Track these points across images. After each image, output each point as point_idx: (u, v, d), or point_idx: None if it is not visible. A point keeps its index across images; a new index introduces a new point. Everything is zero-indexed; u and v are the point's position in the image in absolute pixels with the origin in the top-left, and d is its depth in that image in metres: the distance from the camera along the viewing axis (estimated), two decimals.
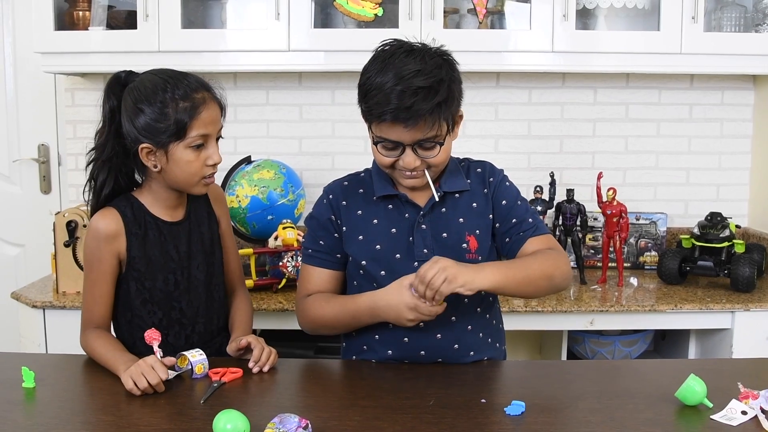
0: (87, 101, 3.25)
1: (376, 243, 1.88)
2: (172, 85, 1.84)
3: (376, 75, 1.75)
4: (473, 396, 1.65)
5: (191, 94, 1.85)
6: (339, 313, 1.90)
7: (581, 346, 2.98)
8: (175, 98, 1.83)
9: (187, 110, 1.83)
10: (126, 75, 1.93)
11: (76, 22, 3.01)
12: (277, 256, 2.74)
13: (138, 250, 1.91)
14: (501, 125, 3.25)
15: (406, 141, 1.76)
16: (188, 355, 1.78)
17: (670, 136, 3.26)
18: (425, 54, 1.76)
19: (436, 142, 1.78)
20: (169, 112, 1.82)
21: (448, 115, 1.77)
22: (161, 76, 1.87)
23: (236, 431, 1.38)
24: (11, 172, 3.54)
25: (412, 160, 1.78)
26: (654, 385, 1.70)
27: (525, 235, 1.91)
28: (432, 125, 1.74)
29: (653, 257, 3.18)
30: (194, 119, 1.84)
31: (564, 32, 2.87)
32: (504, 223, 1.93)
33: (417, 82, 1.70)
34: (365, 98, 1.78)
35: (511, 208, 1.93)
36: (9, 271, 3.58)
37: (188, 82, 1.87)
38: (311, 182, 3.16)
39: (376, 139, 1.80)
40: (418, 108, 1.70)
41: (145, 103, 1.83)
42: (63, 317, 2.61)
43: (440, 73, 1.74)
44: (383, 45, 1.82)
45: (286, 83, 3.25)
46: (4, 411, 1.58)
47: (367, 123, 1.83)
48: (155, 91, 1.84)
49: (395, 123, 1.73)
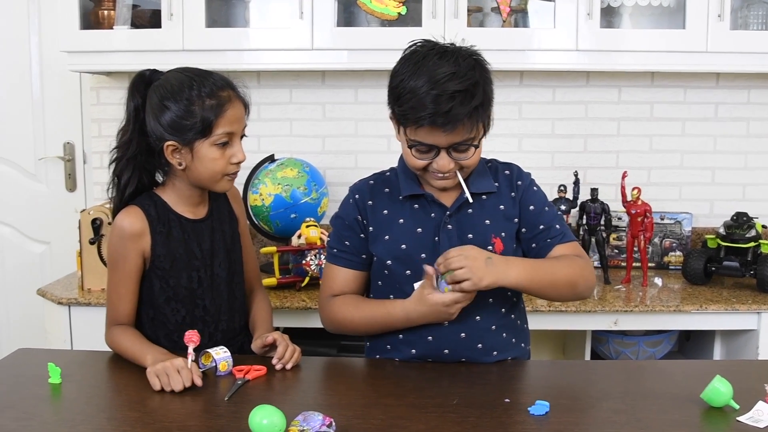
0: (112, 100, 3.28)
1: (402, 243, 1.88)
2: (198, 82, 1.86)
3: (408, 78, 1.73)
4: (497, 395, 1.64)
5: (217, 92, 1.86)
6: (370, 320, 1.90)
7: (605, 347, 2.96)
8: (202, 96, 1.84)
9: (213, 108, 1.84)
10: (151, 73, 1.94)
11: (101, 21, 3.03)
12: (300, 254, 2.74)
13: (162, 248, 1.92)
14: (524, 124, 3.24)
15: (442, 144, 1.75)
16: (212, 352, 1.79)
17: (696, 136, 3.23)
18: (458, 56, 1.74)
19: (471, 145, 1.78)
20: (195, 110, 1.83)
21: (485, 117, 1.77)
22: (187, 74, 1.89)
23: (272, 426, 1.38)
24: (37, 170, 3.57)
25: (446, 163, 1.78)
26: (679, 386, 1.69)
27: (552, 242, 1.91)
28: (470, 129, 1.74)
29: (678, 257, 3.15)
30: (220, 117, 1.85)
31: (588, 31, 2.85)
32: (531, 228, 1.92)
33: (452, 86, 1.69)
34: (398, 102, 1.76)
35: (539, 213, 1.93)
36: (35, 268, 3.61)
37: (214, 80, 1.89)
38: (334, 181, 3.17)
39: (410, 142, 1.79)
40: (456, 113, 1.69)
41: (172, 100, 1.84)
42: (88, 314, 2.63)
43: (475, 75, 1.73)
44: (413, 46, 1.80)
45: (309, 82, 3.25)
46: (31, 406, 1.60)
47: (398, 126, 1.82)
48: (181, 89, 1.85)
49: (433, 128, 1.72)
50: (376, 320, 1.89)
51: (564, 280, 1.84)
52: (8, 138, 3.55)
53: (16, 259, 3.62)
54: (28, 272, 3.60)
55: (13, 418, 1.53)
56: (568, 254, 1.89)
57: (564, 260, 1.87)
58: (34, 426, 1.51)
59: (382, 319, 1.88)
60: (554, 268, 1.85)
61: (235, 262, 2.06)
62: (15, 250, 3.62)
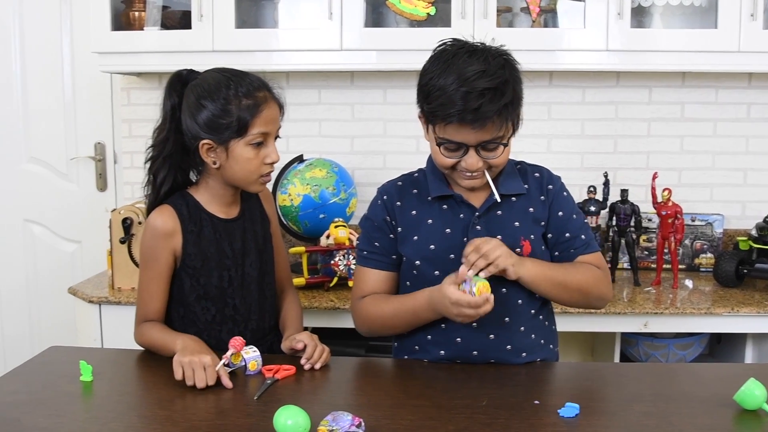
0: (142, 100, 3.31)
1: (430, 243, 1.87)
2: (235, 82, 1.87)
3: (438, 76, 1.73)
4: (526, 397, 1.64)
5: (254, 92, 1.88)
6: (398, 311, 1.89)
7: (634, 349, 2.94)
8: (238, 95, 1.86)
9: (249, 108, 1.86)
10: (187, 73, 1.96)
11: (131, 22, 3.05)
12: (328, 254, 2.75)
13: (193, 247, 1.93)
14: (554, 125, 3.22)
15: (470, 142, 1.75)
16: (242, 351, 1.80)
17: (728, 136, 3.20)
18: (487, 54, 1.74)
19: (500, 143, 1.77)
20: (231, 109, 1.85)
21: (514, 116, 1.77)
22: (224, 74, 1.90)
23: (297, 427, 1.39)
24: (69, 169, 3.61)
25: (475, 161, 1.77)
26: (711, 389, 1.67)
27: (575, 252, 1.92)
28: (499, 127, 1.74)
29: (709, 259, 3.12)
30: (256, 117, 1.87)
31: (619, 31, 2.83)
32: (557, 235, 1.92)
33: (482, 84, 1.69)
34: (427, 99, 1.76)
35: (567, 220, 1.93)
36: (66, 266, 3.64)
37: (250, 80, 1.91)
38: (363, 181, 3.17)
39: (439, 140, 1.78)
40: (485, 110, 1.69)
41: (209, 99, 1.86)
42: (118, 312, 2.65)
43: (504, 74, 1.73)
44: (443, 45, 1.81)
45: (338, 82, 3.26)
46: (63, 404, 1.61)
47: (427, 124, 1.82)
48: (218, 88, 1.87)
49: (462, 125, 1.72)
50: (404, 309, 1.88)
51: (575, 285, 1.87)
52: (41, 138, 3.59)
53: (47, 258, 3.66)
54: (59, 271, 3.63)
55: (45, 416, 1.55)
56: (587, 263, 1.91)
57: (580, 267, 1.89)
58: (66, 423, 1.52)
59: (411, 307, 1.87)
60: (568, 271, 1.87)
61: (266, 262, 2.07)
62: (47, 249, 3.66)
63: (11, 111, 3.58)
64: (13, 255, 3.67)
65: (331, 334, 2.54)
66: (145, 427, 1.51)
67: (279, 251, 2.16)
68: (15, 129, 3.59)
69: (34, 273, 3.67)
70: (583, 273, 1.88)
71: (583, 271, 1.88)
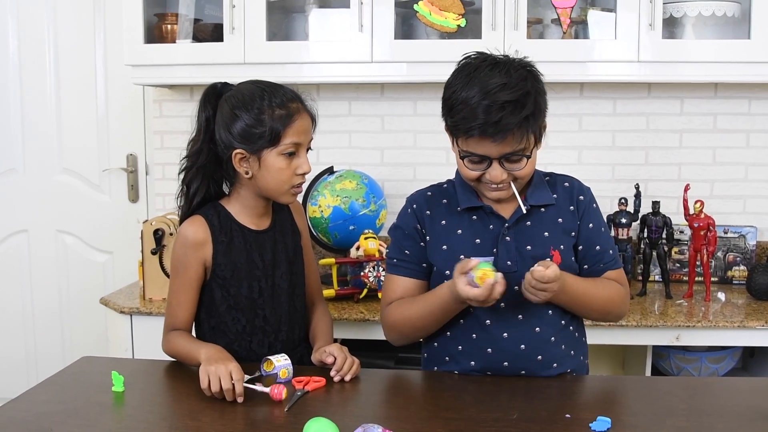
0: (174, 112, 3.33)
1: (460, 253, 1.86)
2: (269, 93, 1.90)
3: (461, 90, 1.74)
4: (557, 410, 1.63)
5: (287, 103, 1.90)
6: (424, 310, 1.88)
7: (666, 362, 2.91)
8: (272, 106, 1.88)
9: (282, 118, 1.88)
10: (222, 86, 1.98)
11: (164, 35, 3.09)
12: (358, 266, 2.75)
13: (224, 257, 1.94)
14: (585, 136, 3.20)
15: (493, 155, 1.75)
16: (273, 359, 1.81)
17: (761, 147, 3.16)
18: (510, 67, 1.75)
19: (523, 155, 1.77)
20: (265, 119, 1.87)
21: (536, 127, 1.77)
22: (258, 86, 1.93)
23: None
24: (101, 181, 3.64)
25: (499, 174, 1.78)
26: (746, 403, 1.65)
27: (605, 267, 1.93)
28: (520, 139, 1.73)
29: (742, 272, 3.09)
30: (288, 127, 1.89)
31: (650, 42, 2.81)
32: (586, 247, 1.92)
33: (503, 96, 1.69)
34: (450, 113, 1.77)
35: (597, 234, 1.93)
36: (98, 277, 3.68)
37: (284, 91, 1.93)
38: (393, 193, 3.17)
39: (463, 153, 1.79)
40: (506, 122, 1.69)
41: (243, 109, 1.88)
42: (149, 323, 2.66)
43: (526, 86, 1.73)
44: (466, 58, 1.81)
45: (368, 94, 3.26)
46: (95, 413, 1.63)
47: (452, 137, 1.83)
48: (253, 99, 1.89)
49: (483, 138, 1.72)
50: (431, 306, 1.87)
51: (598, 303, 1.90)
52: (74, 150, 3.63)
53: (79, 269, 3.70)
54: (91, 281, 3.67)
55: (77, 425, 1.56)
56: (613, 279, 1.93)
57: (607, 284, 1.91)
58: None
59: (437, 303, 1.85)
60: (593, 288, 1.89)
61: (297, 274, 2.08)
62: (79, 260, 3.70)
63: (45, 123, 3.63)
64: (45, 265, 3.71)
65: (361, 346, 2.54)
66: None
67: (309, 264, 2.16)
68: (48, 140, 3.64)
69: (66, 283, 3.71)
70: (610, 291, 1.90)
71: (609, 289, 1.90)
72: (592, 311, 1.92)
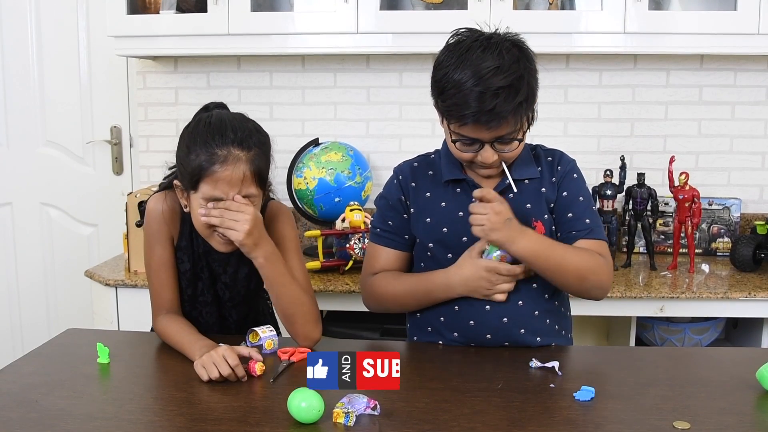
0: (158, 84, 3.31)
1: (443, 226, 1.87)
2: (211, 133, 1.74)
3: (452, 71, 1.71)
4: (541, 380, 1.64)
5: (215, 149, 1.72)
6: (411, 290, 1.90)
7: (650, 333, 2.93)
8: (205, 146, 1.73)
9: (202, 165, 1.72)
10: (214, 106, 1.89)
11: (147, 6, 3.05)
12: (344, 238, 2.75)
13: (184, 254, 1.93)
14: (570, 108, 3.20)
15: (485, 139, 1.75)
16: (259, 331, 1.81)
17: (746, 120, 3.17)
18: (501, 47, 1.72)
19: (515, 138, 1.77)
20: (192, 159, 1.74)
21: (530, 111, 1.77)
22: (213, 120, 1.78)
23: (311, 409, 1.40)
24: (85, 153, 3.62)
25: (490, 155, 1.78)
26: (728, 373, 1.66)
27: (576, 235, 1.87)
28: (514, 124, 1.73)
29: (726, 243, 3.11)
30: (208, 176, 1.72)
31: (636, 13, 2.80)
32: (559, 214, 1.90)
33: (497, 82, 1.67)
34: (442, 96, 1.75)
35: (571, 202, 1.90)
36: (82, 250, 3.67)
37: (226, 135, 1.74)
38: (378, 164, 3.17)
39: (454, 137, 1.79)
40: (500, 110, 1.68)
41: (184, 139, 1.79)
42: (134, 295, 2.67)
43: (519, 69, 1.71)
44: (457, 36, 1.79)
45: (353, 66, 3.25)
46: (80, 385, 1.62)
47: (442, 116, 1.81)
48: (193, 133, 1.77)
49: (476, 125, 1.71)
50: (417, 289, 1.89)
51: (573, 268, 1.80)
52: (57, 122, 3.61)
53: (64, 241, 3.69)
54: (76, 254, 3.66)
55: (63, 396, 1.56)
56: (590, 249, 1.85)
57: (581, 251, 1.83)
58: (83, 404, 1.53)
59: (424, 287, 1.88)
60: (567, 253, 1.81)
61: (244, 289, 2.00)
62: (63, 232, 3.69)
63: (28, 95, 3.59)
64: (30, 238, 3.70)
65: (346, 317, 2.55)
66: (161, 408, 1.51)
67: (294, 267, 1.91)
68: (31, 113, 3.61)
69: (51, 256, 3.70)
70: (582, 257, 1.82)
71: (582, 255, 1.82)
72: (568, 276, 1.81)
